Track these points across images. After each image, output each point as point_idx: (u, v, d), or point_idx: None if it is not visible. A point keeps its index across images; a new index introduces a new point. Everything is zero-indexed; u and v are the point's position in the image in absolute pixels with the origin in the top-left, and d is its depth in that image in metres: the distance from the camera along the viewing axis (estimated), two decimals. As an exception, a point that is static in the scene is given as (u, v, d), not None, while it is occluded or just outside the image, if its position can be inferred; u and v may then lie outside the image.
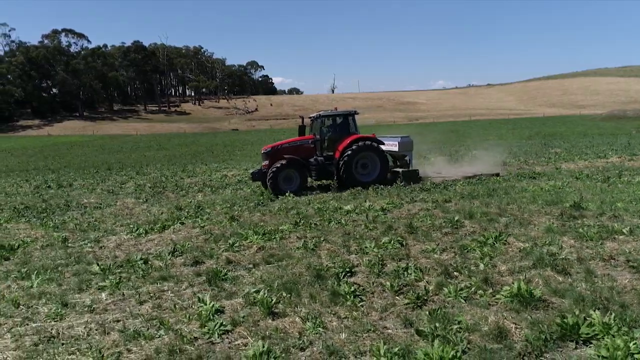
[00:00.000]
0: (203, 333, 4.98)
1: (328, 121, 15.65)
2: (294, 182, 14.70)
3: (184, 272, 7.27)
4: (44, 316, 5.84)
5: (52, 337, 5.17)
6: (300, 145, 15.37)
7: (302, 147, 15.32)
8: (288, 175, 14.72)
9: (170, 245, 8.94)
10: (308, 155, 15.25)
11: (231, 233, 9.43)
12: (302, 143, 15.42)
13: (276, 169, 14.48)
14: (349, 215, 10.48)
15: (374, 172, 15.00)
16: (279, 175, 14.50)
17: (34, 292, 6.79)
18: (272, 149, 15.22)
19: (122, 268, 7.68)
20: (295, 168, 14.79)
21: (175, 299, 6.11)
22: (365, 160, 14.96)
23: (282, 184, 14.51)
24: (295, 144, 15.42)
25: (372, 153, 14.92)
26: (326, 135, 15.43)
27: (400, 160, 16.17)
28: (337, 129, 15.58)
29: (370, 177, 14.91)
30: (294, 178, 14.75)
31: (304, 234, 8.89)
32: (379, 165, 15.00)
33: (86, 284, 7.00)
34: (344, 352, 4.35)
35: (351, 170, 14.65)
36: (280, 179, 14.53)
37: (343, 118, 15.71)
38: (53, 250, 9.41)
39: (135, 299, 6.19)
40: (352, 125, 15.57)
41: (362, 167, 15.00)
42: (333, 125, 15.68)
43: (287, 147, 15.31)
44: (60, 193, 19.06)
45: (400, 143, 15.67)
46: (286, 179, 14.66)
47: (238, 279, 6.65)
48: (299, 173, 14.82)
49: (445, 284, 5.70)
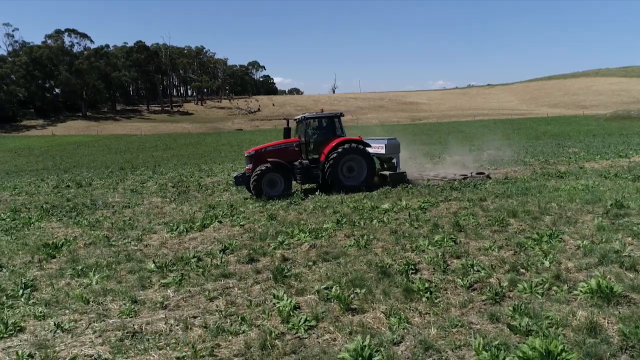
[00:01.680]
0: (288, 329, 5.03)
1: (313, 123, 15.31)
2: (278, 186, 14.39)
3: (242, 269, 7.32)
4: (117, 312, 5.89)
5: (136, 333, 5.22)
6: (285, 148, 15.00)
7: (287, 150, 14.95)
8: (272, 179, 14.36)
9: (217, 244, 9.02)
10: (293, 159, 14.89)
11: (276, 231, 9.47)
12: (287, 146, 15.05)
13: (259, 173, 14.11)
14: (387, 214, 10.53)
15: (361, 176, 14.70)
16: (263, 179, 14.15)
17: (96, 289, 6.84)
18: (256, 152, 14.81)
19: (176, 266, 7.73)
20: (280, 172, 14.44)
21: (245, 295, 6.16)
22: (351, 163, 14.61)
23: (265, 188, 14.16)
24: (279, 147, 15.05)
25: (359, 156, 14.58)
26: (311, 137, 15.08)
27: (387, 162, 15.91)
28: (323, 132, 15.25)
29: (357, 180, 14.63)
30: (278, 182, 14.42)
31: (351, 232, 8.95)
32: (366, 168, 14.68)
33: (147, 281, 7.05)
34: (439, 346, 4.40)
35: (337, 174, 14.33)
36: (264, 183, 14.18)
37: (329, 120, 15.33)
38: (97, 249, 9.46)
39: (204, 295, 6.24)
40: (338, 128, 15.24)
41: (348, 170, 14.65)
42: (318, 127, 15.36)
43: (271, 150, 14.91)
44: (82, 192, 19.11)
45: (387, 145, 15.41)
46: (270, 183, 14.32)
47: (301, 276, 6.70)
48: (284, 177, 14.48)
49: (518, 281, 5.76)
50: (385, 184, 14.76)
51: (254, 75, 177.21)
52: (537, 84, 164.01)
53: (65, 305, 6.26)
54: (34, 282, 7.33)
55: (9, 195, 19.52)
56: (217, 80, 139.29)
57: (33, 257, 9.08)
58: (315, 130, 15.33)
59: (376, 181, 15.25)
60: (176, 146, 58.04)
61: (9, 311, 6.17)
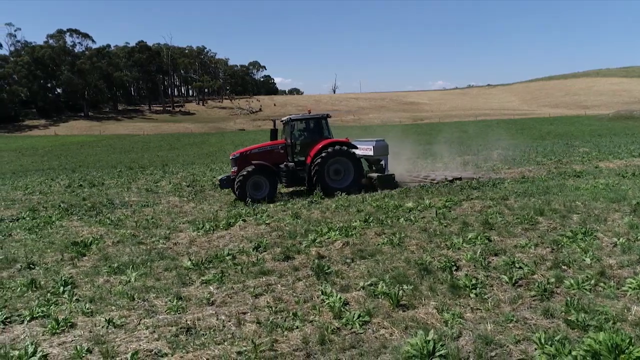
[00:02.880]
0: (343, 324, 5.09)
1: (299, 125, 15.05)
2: (263, 189, 14.14)
3: (279, 266, 7.38)
4: (164, 309, 5.94)
5: (189, 329, 5.28)
6: (270, 150, 14.79)
7: (272, 153, 14.75)
8: (257, 182, 14.12)
9: (247, 242, 9.07)
10: (278, 161, 14.69)
11: (305, 230, 9.52)
12: (272, 148, 14.84)
13: (244, 176, 13.90)
14: (412, 212, 10.59)
15: (348, 178, 14.49)
16: (247, 182, 13.93)
17: (137, 286, 6.89)
18: (241, 155, 14.62)
19: (212, 263, 7.78)
20: (265, 174, 14.20)
21: (290, 292, 6.21)
22: (338, 165, 14.39)
23: (250, 191, 13.91)
24: (264, 149, 14.83)
25: (345, 158, 14.37)
26: (298, 139, 14.86)
27: (375, 164, 15.63)
28: (310, 134, 15.00)
29: (344, 183, 14.38)
30: (263, 185, 14.18)
31: (381, 230, 9.00)
32: (353, 170, 14.49)
33: (186, 278, 7.11)
34: (499, 341, 4.46)
35: (323, 177, 14.09)
36: (249, 186, 13.94)
37: (315, 122, 15.07)
38: (126, 247, 9.51)
39: (248, 292, 6.29)
40: (325, 129, 14.99)
41: (335, 173, 14.42)
42: (305, 129, 15.10)
43: (256, 152, 14.70)
44: (97, 192, 19.14)
45: (375, 147, 15.17)
46: (255, 186, 14.08)
47: (342, 273, 6.76)
48: (269, 180, 14.23)
49: (563, 277, 5.82)
50: (373, 187, 14.50)
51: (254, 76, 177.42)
52: (538, 84, 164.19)
53: (110, 302, 6.31)
54: (72, 279, 7.37)
55: (22, 195, 19.55)
56: (219, 81, 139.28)
57: (63, 255, 9.14)
58: (301, 132, 15.05)
59: (364, 184, 14.98)
60: (180, 146, 58.05)
61: (55, 307, 6.22)
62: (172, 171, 26.76)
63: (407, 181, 16.01)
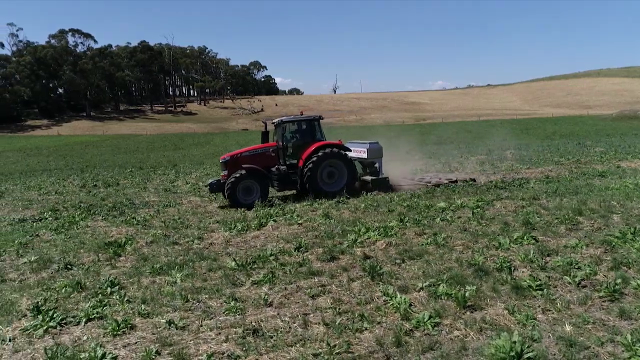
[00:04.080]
0: (414, 326, 5.02)
1: (291, 127, 14.73)
2: (254, 193, 13.78)
3: (326, 267, 7.31)
4: (222, 310, 5.86)
5: (256, 330, 5.20)
6: (261, 153, 14.39)
7: (263, 156, 14.35)
8: (247, 186, 13.76)
9: (283, 242, 9.00)
10: (269, 164, 14.31)
11: (342, 230, 9.44)
12: (263, 151, 14.43)
13: (234, 180, 13.53)
14: (445, 212, 10.52)
15: (341, 181, 14.17)
16: (237, 186, 13.57)
17: (185, 286, 6.81)
18: (231, 158, 14.20)
19: (256, 264, 7.70)
20: (255, 178, 13.83)
21: (347, 292, 6.14)
22: (331, 168, 14.07)
23: (240, 196, 13.60)
24: (255, 152, 14.43)
25: (338, 161, 14.06)
26: (289, 142, 14.52)
27: (369, 167, 15.21)
28: (302, 136, 14.63)
29: (337, 186, 14.06)
30: (253, 189, 13.82)
31: (420, 231, 8.93)
32: (346, 173, 14.17)
33: (234, 279, 7.02)
34: (582, 343, 4.40)
35: (316, 180, 13.79)
36: (239, 191, 13.60)
37: (307, 124, 14.67)
38: (161, 247, 9.44)
39: (304, 293, 6.22)
40: (318, 132, 14.62)
41: (328, 176, 14.08)
42: (297, 131, 14.75)
43: (247, 155, 14.30)
44: (114, 192, 19.06)
45: (369, 150, 14.84)
46: (245, 190, 13.73)
47: (395, 274, 6.68)
48: (260, 184, 13.86)
49: (629, 278, 5.75)
50: (366, 190, 14.14)
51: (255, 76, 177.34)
52: (539, 84, 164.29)
53: (163, 303, 6.23)
54: (117, 280, 7.29)
55: (37, 195, 19.46)
56: (220, 81, 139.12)
57: (99, 255, 9.07)
58: (293, 134, 14.70)
59: (357, 187, 14.64)
60: (185, 146, 57.91)
61: (109, 309, 6.14)
62: (184, 171, 26.67)
63: (402, 184, 15.56)
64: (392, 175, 15.55)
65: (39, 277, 7.92)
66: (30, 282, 7.67)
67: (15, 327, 5.80)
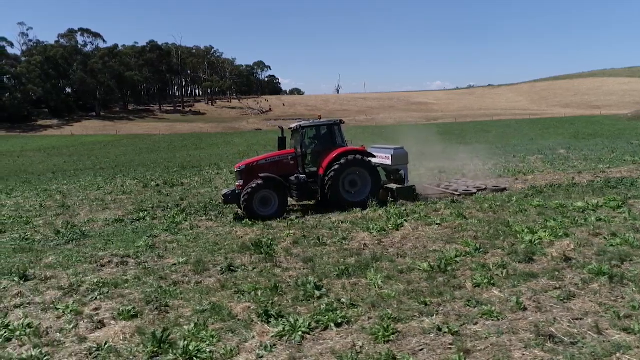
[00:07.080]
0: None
1: (310, 132, 13.85)
2: (272, 204, 12.90)
3: (528, 268, 7.13)
4: (475, 314, 5.62)
5: (551, 336, 4.96)
6: (279, 161, 13.51)
7: (281, 164, 13.45)
8: (265, 196, 12.84)
9: (441, 242, 8.84)
10: (288, 173, 13.31)
11: (500, 231, 9.22)
12: (281, 159, 13.55)
13: (251, 190, 12.64)
14: (587, 212, 10.31)
15: (365, 190, 13.23)
16: (254, 197, 12.68)
17: (399, 289, 6.61)
18: (246, 167, 13.33)
19: (448, 267, 7.44)
20: (273, 188, 12.94)
21: (592, 296, 5.91)
22: (354, 176, 13.17)
23: (257, 207, 12.72)
24: (272, 159, 13.55)
25: (362, 168, 13.16)
26: (308, 148, 13.66)
27: (394, 174, 14.20)
28: (321, 142, 13.76)
29: (361, 196, 13.16)
30: (271, 200, 12.91)
31: (593, 231, 8.74)
32: (370, 182, 13.26)
33: (438, 282, 6.80)
34: None
35: (338, 189, 12.90)
36: (256, 202, 12.70)
37: (327, 128, 13.79)
38: (309, 248, 9.25)
39: (551, 296, 6.04)
40: (338, 137, 13.67)
41: (350, 184, 13.21)
42: (316, 137, 13.90)
43: (264, 163, 13.42)
44: (184, 192, 18.79)
45: (394, 156, 13.87)
46: (263, 201, 12.82)
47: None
48: (278, 194, 12.96)
49: None
50: (392, 199, 13.11)
51: (259, 76, 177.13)
52: (544, 84, 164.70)
53: (395, 307, 5.99)
54: (316, 282, 7.00)
55: (103, 195, 19.15)
56: (227, 81, 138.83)
57: (251, 256, 8.83)
58: (312, 140, 13.86)
59: (381, 196, 13.67)
60: (206, 146, 57.51)
61: (339, 313, 5.86)
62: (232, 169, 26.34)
63: (429, 193, 14.79)
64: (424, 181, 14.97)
65: (212, 280, 7.65)
66: (210, 284, 7.41)
67: (260, 331, 5.55)
